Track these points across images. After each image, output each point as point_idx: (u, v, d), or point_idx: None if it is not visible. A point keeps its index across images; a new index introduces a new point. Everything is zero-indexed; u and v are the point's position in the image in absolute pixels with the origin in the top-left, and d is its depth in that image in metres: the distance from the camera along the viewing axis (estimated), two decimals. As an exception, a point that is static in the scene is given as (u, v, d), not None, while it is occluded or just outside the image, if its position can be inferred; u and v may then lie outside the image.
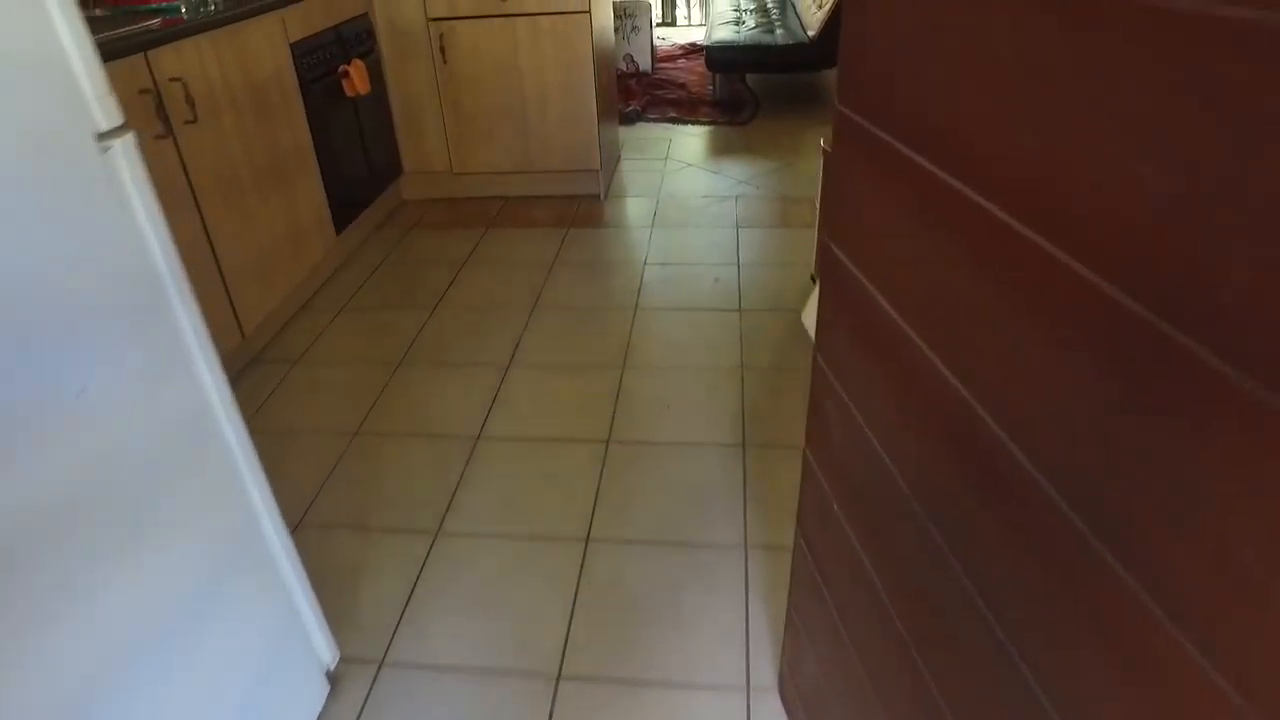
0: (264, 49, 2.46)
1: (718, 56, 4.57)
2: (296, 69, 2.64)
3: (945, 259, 0.64)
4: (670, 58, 6.08)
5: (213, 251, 2.20)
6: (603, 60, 3.39)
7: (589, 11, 3.11)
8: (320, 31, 2.80)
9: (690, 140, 4.29)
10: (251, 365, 2.48)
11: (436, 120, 3.40)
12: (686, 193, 3.58)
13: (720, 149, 4.14)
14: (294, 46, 2.63)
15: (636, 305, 2.67)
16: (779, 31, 4.74)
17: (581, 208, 3.47)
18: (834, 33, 4.51)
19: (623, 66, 5.50)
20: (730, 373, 2.30)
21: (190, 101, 2.07)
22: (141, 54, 1.92)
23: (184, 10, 2.24)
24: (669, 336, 2.50)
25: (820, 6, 4.65)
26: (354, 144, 3.08)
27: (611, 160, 3.73)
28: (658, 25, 7.27)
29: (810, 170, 3.78)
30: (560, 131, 3.36)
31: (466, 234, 3.28)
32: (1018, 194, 0.52)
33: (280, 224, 2.54)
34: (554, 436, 2.10)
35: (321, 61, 2.80)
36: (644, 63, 5.53)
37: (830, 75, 5.14)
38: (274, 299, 2.51)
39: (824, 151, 1.07)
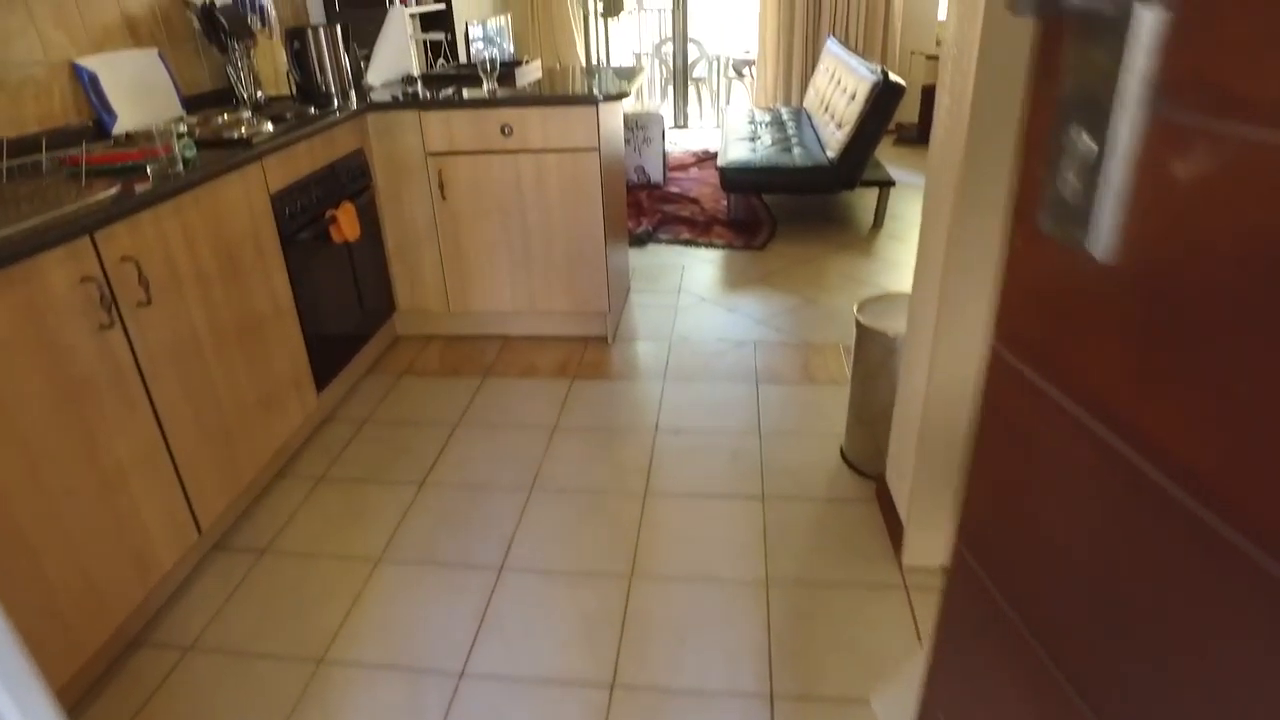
0: (239, 205, 2.22)
1: (734, 178, 4.38)
2: (277, 221, 2.40)
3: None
4: (682, 166, 5.92)
5: (165, 444, 1.92)
6: (612, 189, 3.17)
7: (598, 149, 2.89)
8: (306, 176, 2.58)
9: (704, 268, 4.06)
10: (213, 555, 2.18)
11: (433, 258, 3.17)
12: (701, 335, 3.32)
13: (736, 279, 3.90)
14: (275, 197, 2.40)
15: (646, 488, 2.38)
16: (797, 151, 4.55)
17: (588, 353, 3.20)
18: (855, 154, 4.34)
19: (633, 178, 5.33)
20: (753, 589, 1.99)
21: (144, 283, 1.82)
22: (87, 236, 1.67)
23: (150, 170, 2.00)
24: (683, 532, 2.19)
25: (840, 126, 4.47)
26: (342, 292, 2.83)
27: (620, 295, 3.48)
28: (669, 128, 7.17)
29: (832, 307, 3.53)
30: (566, 272, 3.12)
31: (461, 384, 3.01)
32: None
33: (251, 395, 2.27)
34: (550, 677, 1.78)
35: (307, 209, 2.57)
36: (655, 174, 5.35)
37: (850, 196, 4.94)
38: (238, 484, 2.23)
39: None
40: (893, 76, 4.14)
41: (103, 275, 1.71)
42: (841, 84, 4.87)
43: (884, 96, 4.13)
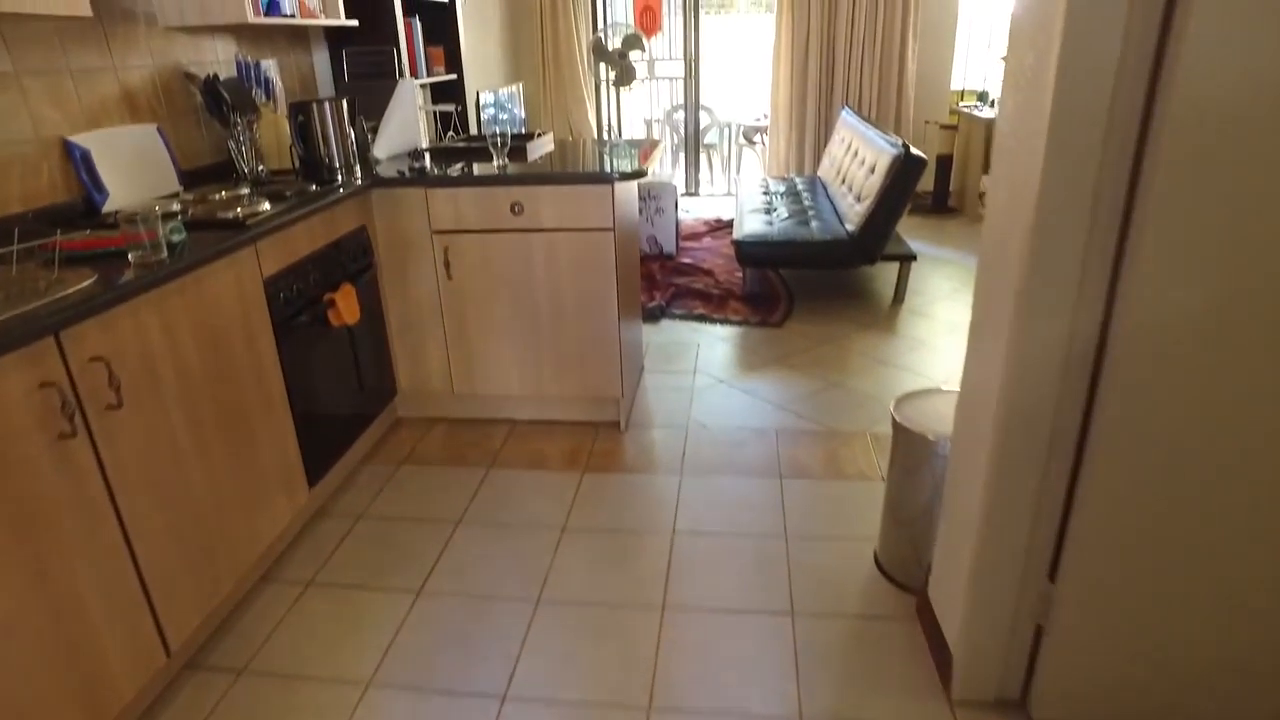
0: (229, 293, 2.07)
1: (751, 252, 4.24)
2: (271, 307, 2.25)
3: None
4: (695, 235, 5.80)
5: (133, 561, 1.73)
6: (627, 269, 3.02)
7: (613, 229, 2.75)
8: (304, 258, 2.43)
9: (720, 345, 3.89)
10: (185, 675, 1.97)
11: (438, 339, 3.01)
12: (719, 421, 3.13)
13: (754, 359, 3.73)
14: (270, 281, 2.25)
15: (665, 600, 2.17)
16: (815, 224, 4.42)
17: (600, 440, 3.02)
18: (875, 228, 4.20)
19: (645, 248, 5.20)
20: (788, 729, 1.77)
21: (115, 384, 1.65)
22: (51, 337, 1.51)
23: (132, 258, 1.85)
24: (706, 655, 1.98)
25: (859, 199, 4.35)
26: (340, 377, 2.66)
27: (634, 378, 3.31)
28: (681, 195, 7.09)
29: (857, 391, 3.35)
30: (577, 357, 2.95)
31: (465, 475, 2.82)
32: None
33: (234, 498, 2.08)
34: (556, 840, 1.55)
35: (303, 292, 2.41)
36: (667, 244, 5.23)
37: (869, 269, 4.80)
38: (216, 595, 2.03)
39: None
40: (914, 150, 4.03)
41: (67, 379, 1.54)
42: (859, 155, 4.77)
43: (905, 170, 4.01)
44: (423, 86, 4.25)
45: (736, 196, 5.40)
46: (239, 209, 2.30)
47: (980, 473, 1.69)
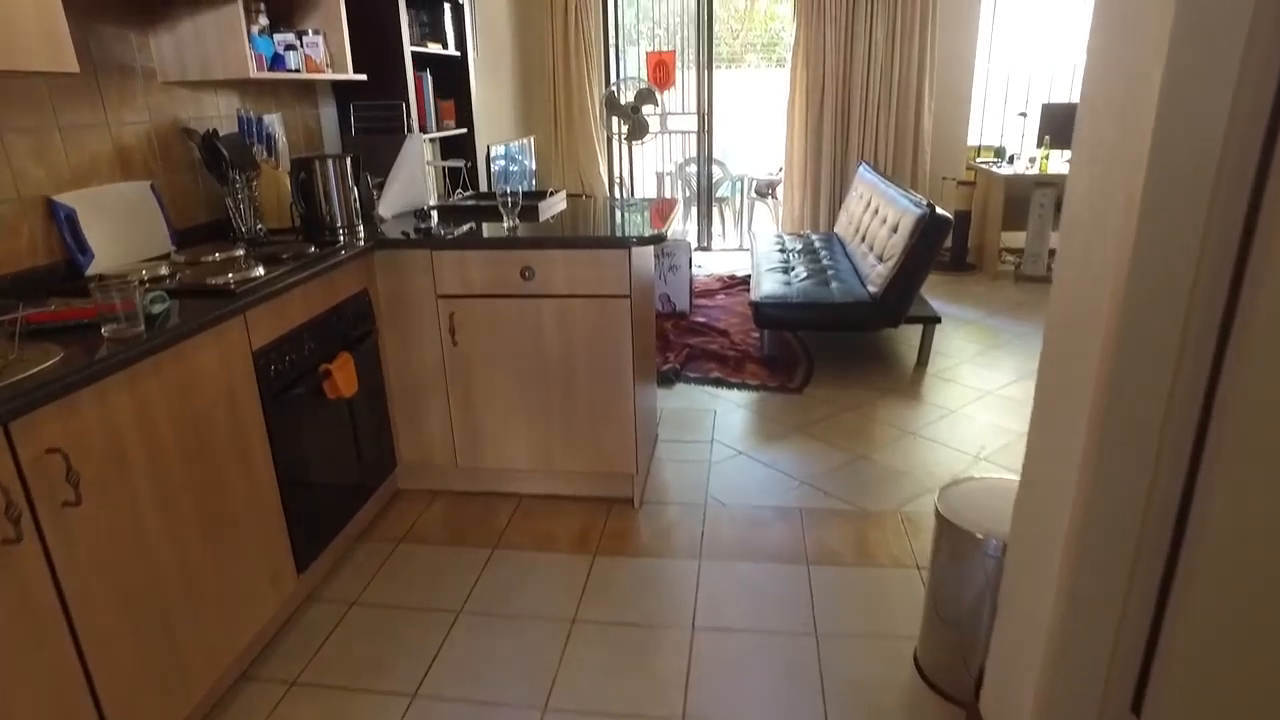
0: (213, 367, 1.90)
1: (769, 314, 4.07)
2: (260, 381, 2.08)
3: None
4: (708, 292, 5.66)
5: (87, 679, 1.53)
6: (642, 337, 2.85)
7: (629, 296, 2.59)
8: (300, 326, 2.27)
9: (737, 413, 3.70)
10: (144, 801, 1.75)
11: (441, 408, 2.83)
12: (739, 498, 2.94)
13: (774, 427, 3.54)
14: (260, 353, 2.08)
15: (684, 713, 1.95)
16: (835, 285, 4.26)
17: (612, 518, 2.82)
18: (899, 289, 4.04)
19: (659, 306, 5.05)
20: None
21: (75, 478, 1.47)
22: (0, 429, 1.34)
23: (105, 331, 1.68)
24: (733, 783, 1.76)
25: (881, 259, 4.19)
26: (336, 452, 2.49)
27: (648, 450, 3.12)
28: (694, 249, 6.96)
29: (884, 465, 3.15)
30: (589, 430, 2.77)
31: (467, 556, 2.62)
32: None
33: (211, 593, 1.89)
34: None
35: (297, 364, 2.25)
36: (681, 302, 5.08)
37: (890, 331, 4.63)
38: (187, 704, 1.82)
39: None
40: (939, 209, 3.88)
41: (16, 475, 1.37)
42: (879, 213, 4.63)
43: (930, 230, 3.86)
44: (432, 141, 4.15)
45: (752, 253, 5.26)
46: (230, 274, 2.15)
47: (1049, 582, 1.49)
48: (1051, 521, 1.50)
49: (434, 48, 3.99)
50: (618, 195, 6.74)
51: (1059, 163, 6.27)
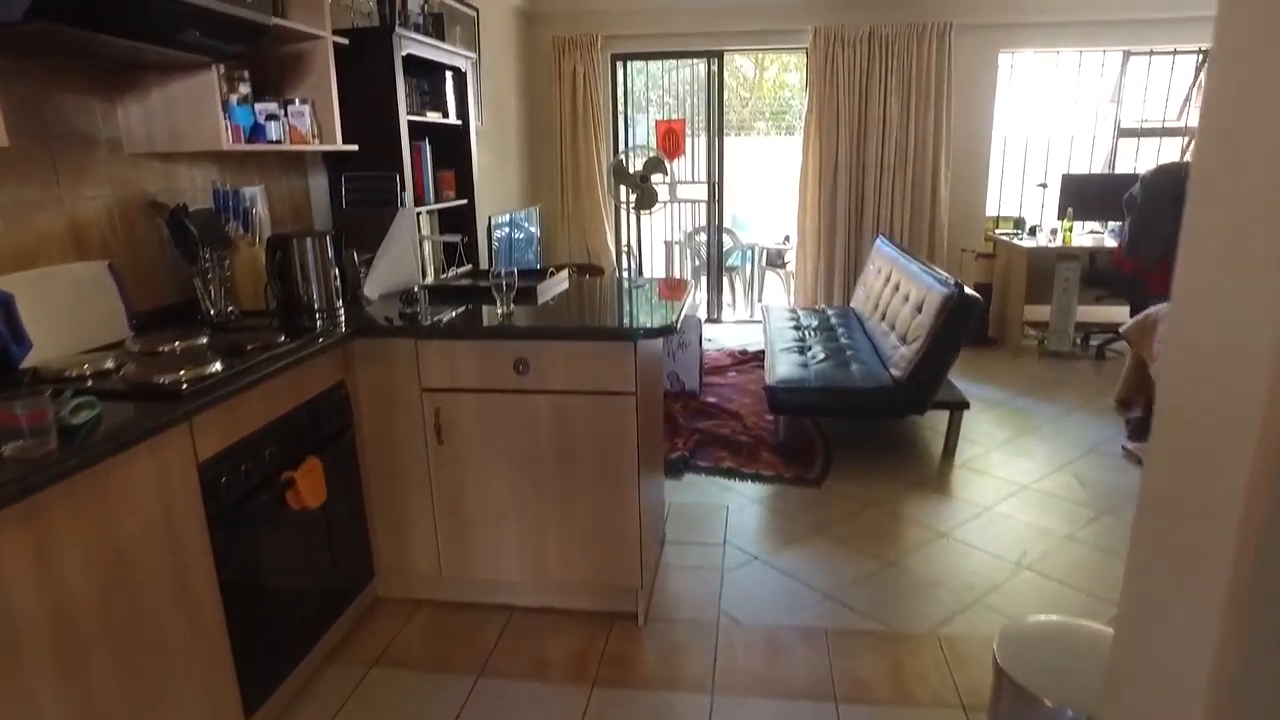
0: (147, 487, 1.63)
1: (786, 400, 3.80)
2: (207, 498, 1.80)
3: None
4: (719, 369, 5.39)
5: None
6: (649, 436, 2.58)
7: (635, 393, 2.32)
8: (261, 428, 2.00)
9: (751, 509, 3.40)
10: None
11: (424, 513, 2.55)
12: (756, 614, 2.62)
13: (792, 527, 3.23)
14: (209, 464, 1.81)
15: None
16: (855, 368, 3.99)
17: (613, 638, 2.50)
18: (925, 374, 3.75)
19: (667, 385, 4.78)
20: None
21: (-56, 647, 1.18)
22: None
23: (8, 450, 1.42)
24: None
25: (905, 341, 3.93)
26: (301, 569, 2.20)
27: (654, 555, 2.82)
28: (704, 321, 6.73)
29: (917, 575, 2.83)
30: (589, 539, 2.48)
31: (449, 686, 2.30)
32: None
33: (131, 759, 1.58)
34: None
35: (254, 472, 1.97)
36: (690, 381, 4.81)
37: (916, 419, 4.33)
38: None
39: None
40: (968, 289, 3.64)
41: None
42: (900, 289, 4.38)
43: (959, 311, 3.61)
44: (430, 213, 3.94)
45: (765, 329, 5.01)
46: (183, 370, 1.88)
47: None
48: (1161, 704, 1.19)
49: (433, 116, 3.81)
50: (626, 263, 6.53)
51: (1082, 234, 6.05)
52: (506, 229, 5.48)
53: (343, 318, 2.55)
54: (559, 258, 6.62)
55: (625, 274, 6.53)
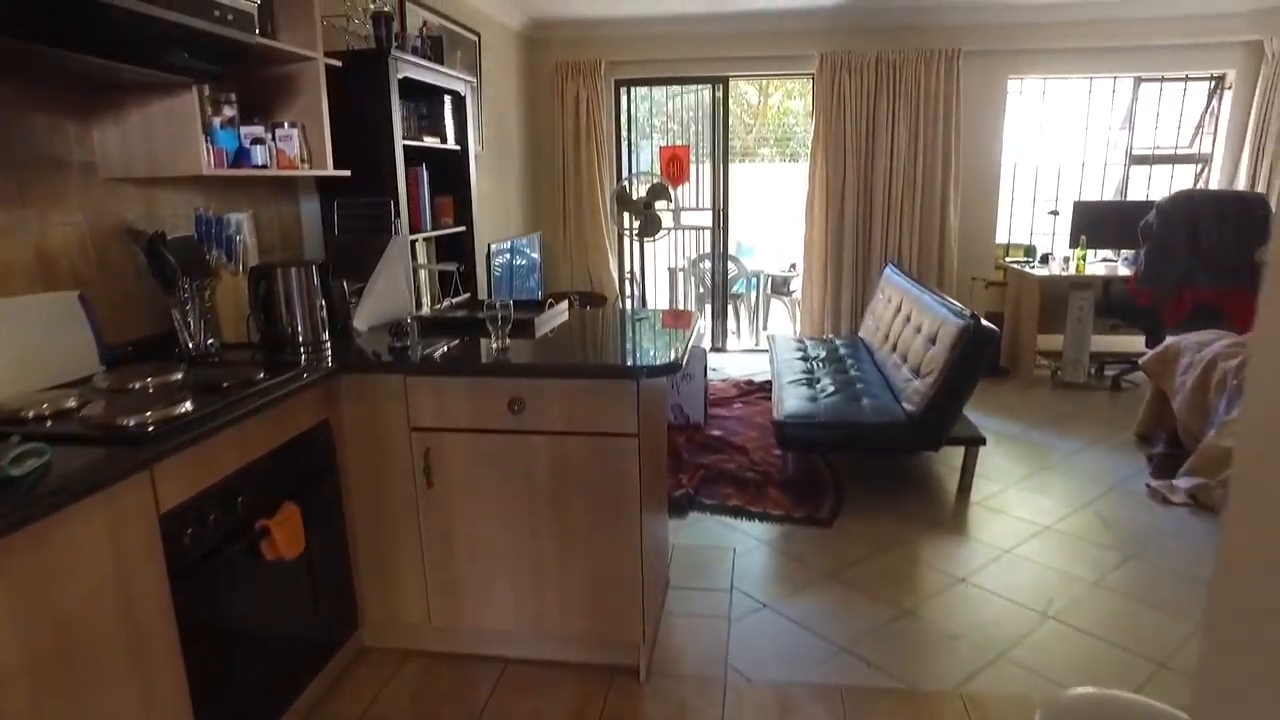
0: (98, 544, 1.48)
1: (794, 435, 3.65)
2: (170, 553, 1.65)
3: None
4: (724, 400, 5.24)
5: None
6: (651, 479, 2.43)
7: (637, 434, 2.17)
8: (232, 473, 1.85)
9: (759, 551, 3.24)
10: None
11: (413, 560, 2.39)
12: (766, 670, 2.45)
13: (803, 571, 3.07)
14: (171, 516, 1.66)
15: None
16: (866, 402, 3.84)
17: (613, 696, 2.33)
18: (940, 409, 3.60)
19: (671, 418, 4.62)
20: None
21: None
22: None
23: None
24: None
25: (919, 374, 3.78)
26: (278, 622, 2.04)
27: (657, 603, 2.66)
28: (709, 350, 6.60)
29: (937, 625, 2.67)
30: (589, 589, 2.32)
31: (433, 751, 2.13)
32: None
33: None
34: None
35: (224, 522, 1.82)
36: (695, 413, 4.65)
37: (931, 456, 4.17)
38: None
39: None
40: (984, 321, 3.49)
41: None
42: (912, 320, 4.24)
43: (975, 343, 3.46)
44: (428, 240, 3.81)
45: (771, 360, 4.87)
46: (149, 411, 1.74)
47: None
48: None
49: (431, 141, 3.69)
50: (629, 290, 6.40)
51: (1095, 263, 5.92)
52: (507, 256, 5.35)
53: (329, 352, 2.41)
54: (561, 285, 6.50)
55: (629, 302, 6.39)
